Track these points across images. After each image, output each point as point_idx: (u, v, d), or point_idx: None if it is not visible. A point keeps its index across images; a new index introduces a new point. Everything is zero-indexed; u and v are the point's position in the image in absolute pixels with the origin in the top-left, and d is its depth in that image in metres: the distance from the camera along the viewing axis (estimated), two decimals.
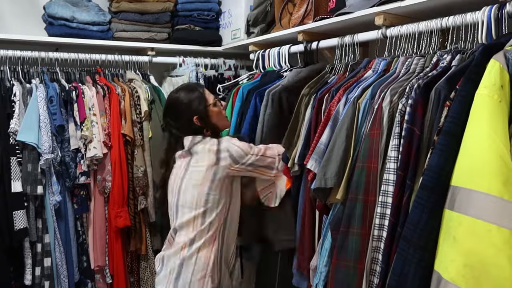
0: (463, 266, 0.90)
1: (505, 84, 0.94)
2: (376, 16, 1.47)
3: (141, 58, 2.40)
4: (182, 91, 1.64)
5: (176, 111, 1.62)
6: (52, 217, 2.00)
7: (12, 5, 2.31)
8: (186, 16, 2.49)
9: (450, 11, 1.30)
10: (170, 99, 1.69)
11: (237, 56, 2.60)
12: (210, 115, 1.61)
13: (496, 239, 0.86)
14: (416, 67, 1.33)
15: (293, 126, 1.62)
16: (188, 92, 1.62)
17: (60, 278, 2.05)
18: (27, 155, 1.94)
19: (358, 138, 1.31)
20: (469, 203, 0.91)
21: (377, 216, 1.17)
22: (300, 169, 1.55)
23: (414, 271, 0.99)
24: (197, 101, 1.59)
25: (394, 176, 1.14)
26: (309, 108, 1.58)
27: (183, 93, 1.63)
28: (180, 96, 1.63)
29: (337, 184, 1.29)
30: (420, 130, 1.11)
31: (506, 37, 1.07)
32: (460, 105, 0.99)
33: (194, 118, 1.58)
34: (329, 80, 1.65)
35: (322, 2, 1.80)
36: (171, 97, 1.68)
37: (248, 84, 2.01)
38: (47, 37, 2.21)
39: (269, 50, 2.07)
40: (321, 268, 1.39)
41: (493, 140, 0.89)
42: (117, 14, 2.37)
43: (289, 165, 1.56)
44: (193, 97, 1.60)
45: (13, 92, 1.99)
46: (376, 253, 1.19)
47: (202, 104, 1.59)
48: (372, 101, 1.29)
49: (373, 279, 1.19)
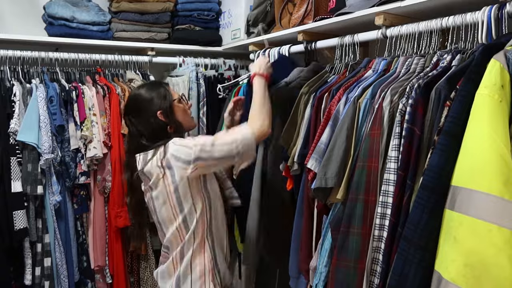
0: (463, 266, 0.90)
1: (505, 84, 0.94)
2: (376, 16, 1.47)
3: (141, 58, 2.40)
4: (144, 87, 1.57)
5: (138, 107, 1.53)
6: (52, 217, 2.00)
7: (12, 5, 2.31)
8: (186, 16, 2.49)
9: (450, 11, 1.30)
10: (132, 95, 1.61)
11: (237, 56, 2.60)
12: (175, 111, 1.54)
13: (497, 239, 0.86)
14: (416, 67, 1.33)
15: (290, 125, 1.61)
16: (151, 88, 1.56)
17: (60, 278, 2.05)
18: (27, 155, 1.94)
19: (359, 137, 1.31)
20: (469, 203, 0.91)
21: (378, 216, 1.17)
22: (300, 168, 1.55)
23: (414, 271, 0.99)
24: (161, 96, 1.53)
25: (394, 176, 1.14)
26: (308, 107, 1.57)
27: (145, 89, 1.56)
28: (142, 91, 1.55)
29: (337, 183, 1.29)
30: (421, 130, 1.11)
31: (506, 37, 1.07)
32: (461, 105, 0.99)
33: (158, 113, 1.50)
34: (328, 80, 1.64)
35: (322, 2, 1.80)
36: (133, 93, 1.61)
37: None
38: (47, 37, 2.21)
39: (269, 50, 2.07)
40: (321, 268, 1.39)
41: (494, 140, 0.89)
42: (117, 14, 2.37)
43: (288, 164, 1.56)
44: (157, 92, 1.53)
45: (13, 92, 1.99)
46: (377, 253, 1.19)
47: (166, 99, 1.53)
48: (373, 100, 1.29)
49: (374, 279, 1.19)
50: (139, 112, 1.52)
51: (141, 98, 1.53)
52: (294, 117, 1.61)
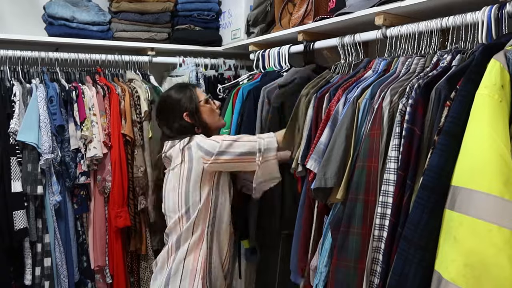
0: (463, 266, 0.90)
1: (505, 84, 0.94)
2: (376, 16, 1.47)
3: (141, 58, 2.40)
4: (172, 90, 1.66)
5: (167, 109, 1.62)
6: (52, 217, 2.00)
7: (12, 5, 2.31)
8: (186, 16, 2.49)
9: (450, 11, 1.30)
10: (161, 98, 1.71)
11: (237, 56, 2.60)
12: (201, 111, 1.61)
13: (497, 239, 0.86)
14: (416, 67, 1.33)
15: (291, 128, 1.59)
16: (178, 90, 1.63)
17: (60, 278, 2.05)
18: (27, 155, 1.94)
19: (358, 137, 1.31)
20: (469, 203, 0.91)
21: (378, 216, 1.17)
22: (304, 170, 1.52)
23: (414, 271, 0.99)
24: (188, 98, 1.60)
25: (394, 176, 1.14)
26: (310, 108, 1.56)
27: (173, 91, 1.64)
28: (170, 94, 1.64)
29: (337, 183, 1.29)
30: (421, 130, 1.11)
31: (506, 37, 1.07)
32: (461, 105, 0.99)
33: (184, 115, 1.58)
34: (331, 80, 1.63)
35: (322, 2, 1.80)
36: (162, 96, 1.70)
37: (248, 85, 2.01)
38: (47, 37, 2.21)
39: (269, 50, 2.07)
40: (321, 268, 1.39)
41: (494, 140, 0.89)
42: (117, 14, 2.37)
43: (293, 166, 1.55)
44: (183, 94, 1.61)
45: (13, 92, 1.99)
46: (377, 253, 1.19)
47: (192, 100, 1.60)
48: (372, 101, 1.29)
49: (374, 279, 1.19)
50: (167, 114, 1.61)
51: (169, 101, 1.62)
52: (295, 120, 1.60)
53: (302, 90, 1.62)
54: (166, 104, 1.64)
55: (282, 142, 1.56)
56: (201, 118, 1.61)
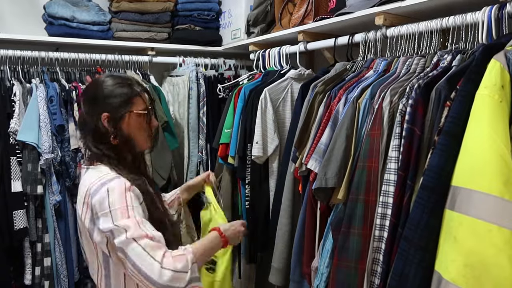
0: (463, 266, 0.90)
1: (505, 84, 0.94)
2: (376, 16, 1.47)
3: (141, 58, 2.40)
4: (114, 79, 1.23)
5: (92, 97, 1.23)
6: (52, 217, 2.00)
7: (12, 5, 2.31)
8: (186, 16, 2.49)
9: (450, 11, 1.30)
10: (95, 80, 1.30)
11: (237, 56, 2.60)
12: (127, 122, 1.20)
13: (497, 239, 0.86)
14: (416, 67, 1.33)
15: (304, 125, 1.56)
16: (118, 82, 1.22)
17: (60, 278, 2.05)
18: (27, 155, 1.94)
19: (359, 138, 1.31)
20: (469, 203, 0.91)
21: (378, 217, 1.17)
22: (307, 170, 1.49)
23: (414, 271, 1.00)
24: (121, 98, 1.20)
25: (394, 176, 1.14)
26: (321, 106, 1.52)
27: (112, 80, 1.23)
28: (105, 82, 1.22)
29: (337, 184, 1.29)
30: (421, 130, 1.11)
31: (506, 37, 1.07)
32: (461, 105, 0.99)
33: (103, 115, 1.18)
34: (346, 78, 1.56)
35: (322, 2, 1.80)
36: (97, 78, 1.28)
37: (250, 85, 2.01)
38: (47, 37, 2.21)
39: (269, 50, 2.07)
40: (322, 269, 1.39)
41: (494, 140, 0.89)
42: (117, 14, 2.37)
43: (297, 165, 1.54)
44: (122, 91, 1.21)
45: (13, 91, 1.99)
46: (377, 254, 1.19)
47: (125, 104, 1.20)
48: (372, 101, 1.29)
49: (374, 279, 1.19)
50: (88, 104, 1.23)
51: (98, 89, 1.22)
52: (308, 118, 1.57)
53: (318, 87, 1.58)
54: (93, 90, 1.24)
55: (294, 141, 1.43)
56: (123, 130, 1.20)
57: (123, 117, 1.20)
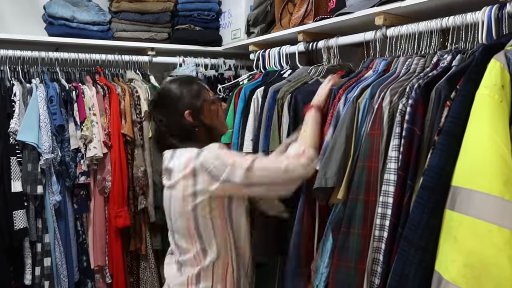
0: (463, 266, 0.90)
1: (506, 84, 0.94)
2: (376, 16, 1.47)
3: (141, 58, 2.40)
4: (177, 82, 1.40)
5: (167, 103, 1.38)
6: (52, 217, 2.00)
7: (12, 5, 2.31)
8: (186, 16, 2.49)
9: (450, 11, 1.30)
10: (162, 89, 1.45)
11: (237, 56, 2.60)
12: (206, 112, 1.38)
13: (497, 239, 0.86)
14: (416, 67, 1.33)
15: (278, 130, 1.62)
16: (183, 84, 1.39)
17: (60, 278, 2.05)
18: (27, 155, 1.94)
19: (359, 137, 1.30)
20: (469, 203, 0.91)
21: (378, 217, 1.17)
22: None
23: (414, 271, 0.99)
24: (193, 94, 1.37)
25: (394, 176, 1.14)
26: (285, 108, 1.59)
27: (177, 84, 1.39)
28: (173, 87, 1.39)
29: (337, 183, 1.28)
30: (421, 130, 1.10)
31: (506, 37, 1.07)
32: (461, 105, 0.99)
33: (186, 113, 1.34)
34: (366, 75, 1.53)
35: (322, 2, 1.80)
36: (163, 87, 1.44)
37: (250, 85, 2.00)
38: (47, 37, 2.21)
39: (269, 50, 2.07)
40: (322, 269, 1.39)
41: (494, 140, 0.89)
42: (117, 14, 2.37)
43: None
44: (189, 89, 1.37)
45: (13, 92, 1.99)
46: (377, 254, 1.19)
47: (198, 97, 1.37)
48: (372, 101, 1.29)
49: (374, 279, 1.19)
50: (167, 109, 1.38)
51: (171, 94, 1.38)
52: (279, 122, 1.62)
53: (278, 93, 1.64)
54: (167, 97, 1.39)
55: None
56: (205, 120, 1.38)
57: (202, 108, 1.38)
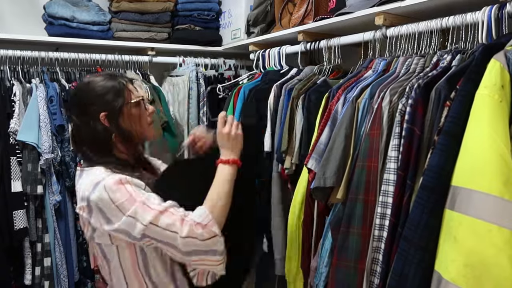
0: (463, 266, 0.90)
1: (505, 84, 0.94)
2: (376, 16, 1.47)
3: (141, 58, 2.40)
4: (97, 78, 1.19)
5: (81, 102, 1.18)
6: (52, 217, 2.00)
7: (12, 5, 2.31)
8: (186, 16, 2.49)
9: (450, 11, 1.30)
10: (79, 85, 1.26)
11: (237, 56, 2.60)
12: (125, 116, 1.17)
13: (497, 239, 0.86)
14: (416, 67, 1.33)
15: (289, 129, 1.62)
16: (104, 80, 1.18)
17: (60, 278, 2.05)
18: (27, 154, 1.94)
19: (358, 137, 1.31)
20: (469, 203, 0.91)
21: (378, 216, 1.17)
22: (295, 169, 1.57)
23: (414, 271, 0.99)
24: (113, 93, 1.16)
25: (394, 176, 1.14)
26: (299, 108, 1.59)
27: (97, 80, 1.18)
28: (92, 83, 1.18)
29: (336, 183, 1.29)
30: (421, 130, 1.10)
31: (506, 37, 1.07)
32: (461, 105, 0.99)
33: (101, 115, 1.15)
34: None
35: (322, 2, 1.80)
36: (81, 82, 1.25)
37: (249, 84, 2.01)
38: (47, 37, 2.21)
39: (269, 50, 2.07)
40: (321, 268, 1.39)
41: (494, 140, 0.89)
42: (117, 14, 2.37)
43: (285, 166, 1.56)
44: (109, 86, 1.17)
45: (13, 91, 1.99)
46: (377, 254, 1.19)
47: (118, 98, 1.16)
48: (371, 100, 1.29)
49: (374, 279, 1.19)
50: (80, 108, 1.18)
51: (87, 91, 1.18)
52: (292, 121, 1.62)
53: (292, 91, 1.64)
54: (82, 94, 1.19)
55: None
56: (124, 124, 1.17)
57: (121, 111, 1.17)
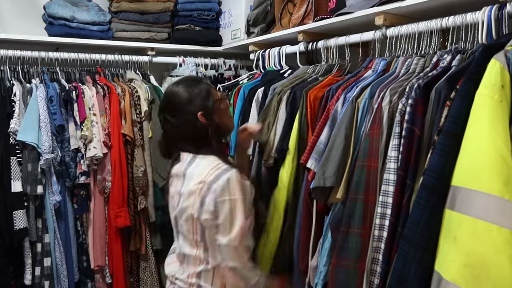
0: (463, 266, 0.90)
1: (505, 84, 0.94)
2: (376, 16, 1.47)
3: (141, 58, 2.40)
4: (184, 84, 1.41)
5: (178, 106, 1.38)
6: (52, 217, 2.00)
7: (12, 5, 2.31)
8: (186, 16, 2.50)
9: (450, 11, 1.30)
10: (170, 92, 1.43)
11: (237, 56, 2.60)
12: (217, 111, 1.39)
13: (497, 239, 0.86)
14: (416, 67, 1.33)
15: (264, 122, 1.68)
16: (191, 85, 1.40)
17: (60, 278, 2.05)
18: (27, 155, 1.94)
19: (358, 137, 1.31)
20: (469, 203, 0.91)
21: (378, 216, 1.17)
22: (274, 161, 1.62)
23: (414, 271, 0.99)
24: (204, 94, 1.38)
25: (394, 176, 1.14)
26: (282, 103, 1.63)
27: (185, 85, 1.40)
28: (181, 88, 1.39)
29: (335, 183, 1.29)
30: (421, 130, 1.10)
31: (506, 37, 1.07)
32: (461, 105, 0.99)
33: (199, 114, 1.35)
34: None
35: (322, 2, 1.80)
36: (171, 89, 1.43)
37: (249, 84, 2.01)
38: (47, 37, 2.21)
39: (269, 50, 2.07)
40: (321, 267, 1.39)
41: (494, 140, 0.89)
42: (117, 14, 2.37)
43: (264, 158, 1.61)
44: (199, 89, 1.38)
45: (13, 92, 1.99)
46: (377, 253, 1.19)
47: (209, 97, 1.38)
48: (371, 100, 1.29)
49: (374, 279, 1.19)
50: (178, 111, 1.38)
51: (181, 96, 1.38)
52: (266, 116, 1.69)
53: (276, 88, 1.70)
54: (177, 99, 1.38)
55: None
56: (217, 119, 1.39)
57: (213, 108, 1.39)
